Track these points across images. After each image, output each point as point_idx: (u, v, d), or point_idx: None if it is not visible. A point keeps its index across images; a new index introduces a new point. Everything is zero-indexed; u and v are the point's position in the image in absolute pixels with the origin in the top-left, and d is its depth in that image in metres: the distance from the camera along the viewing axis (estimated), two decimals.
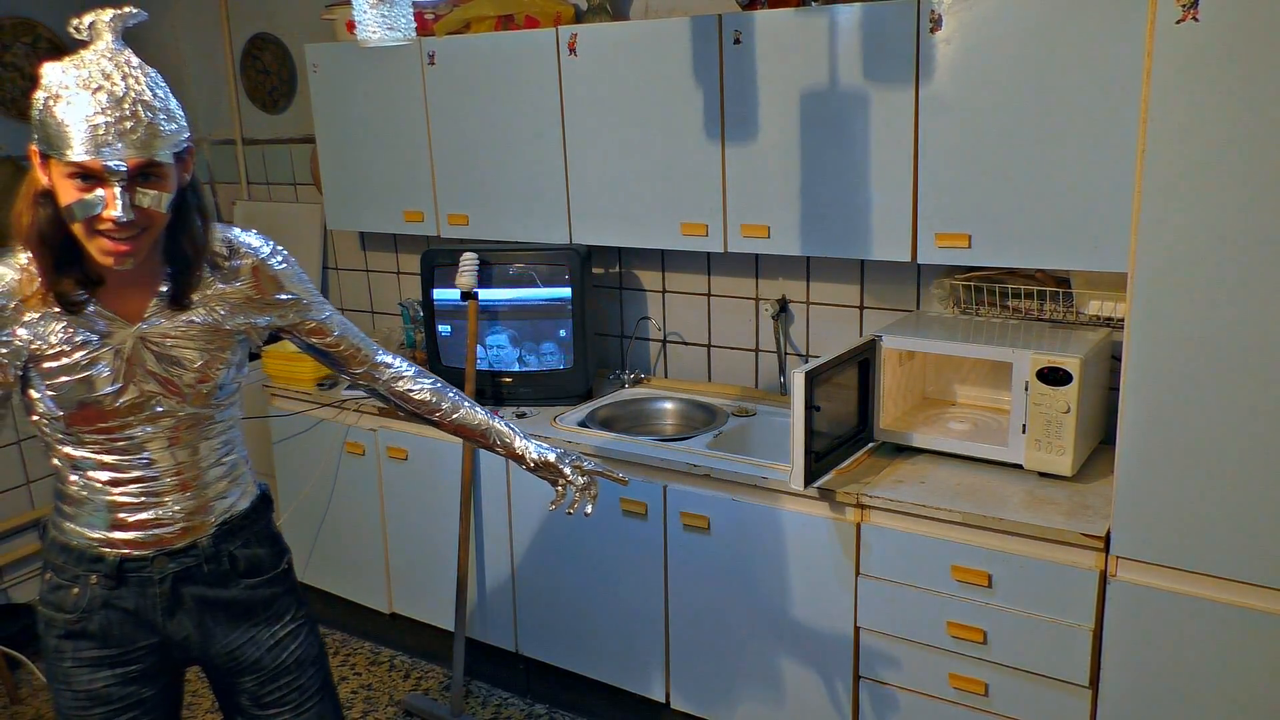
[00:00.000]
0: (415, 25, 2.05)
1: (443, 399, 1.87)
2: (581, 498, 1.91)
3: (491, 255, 3.04)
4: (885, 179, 2.40)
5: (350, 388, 3.19)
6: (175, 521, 1.65)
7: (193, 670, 1.84)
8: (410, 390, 1.85)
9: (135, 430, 1.59)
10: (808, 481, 2.29)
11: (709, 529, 2.55)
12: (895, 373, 2.55)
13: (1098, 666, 2.09)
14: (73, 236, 1.47)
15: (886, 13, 2.31)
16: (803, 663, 2.48)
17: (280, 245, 1.74)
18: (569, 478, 1.90)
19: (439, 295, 3.11)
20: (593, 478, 1.93)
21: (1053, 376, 2.23)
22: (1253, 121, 1.73)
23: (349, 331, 1.81)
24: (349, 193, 3.39)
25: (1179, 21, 1.75)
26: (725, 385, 3.14)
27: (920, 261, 2.43)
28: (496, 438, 1.89)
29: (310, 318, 1.75)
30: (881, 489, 2.31)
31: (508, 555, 2.97)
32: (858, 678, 2.41)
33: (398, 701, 3.18)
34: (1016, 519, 2.13)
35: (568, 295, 3.03)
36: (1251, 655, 1.90)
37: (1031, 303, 2.53)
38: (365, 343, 1.83)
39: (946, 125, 2.30)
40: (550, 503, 1.96)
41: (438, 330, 3.16)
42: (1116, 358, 2.27)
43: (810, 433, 2.25)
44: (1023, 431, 2.29)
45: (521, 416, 2.98)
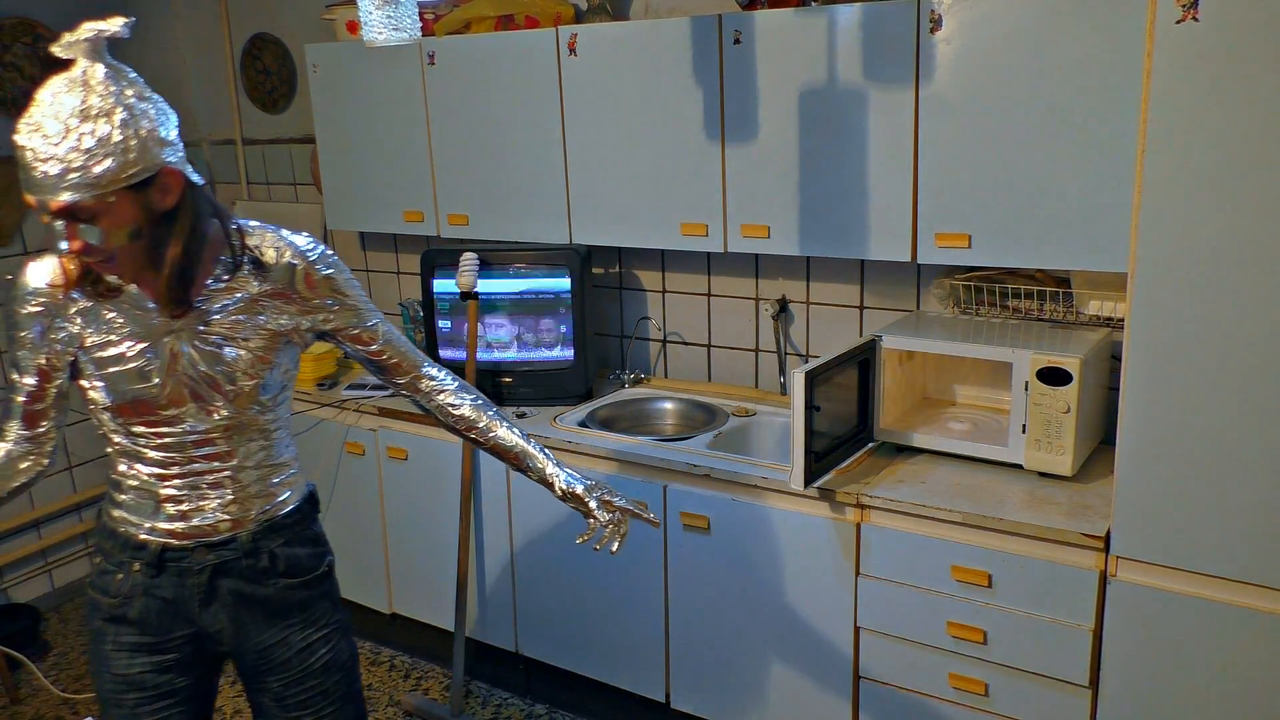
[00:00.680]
0: (420, 25, 2.05)
1: (481, 416, 1.85)
2: (610, 535, 1.85)
3: (491, 255, 3.04)
4: (885, 179, 2.40)
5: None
6: (216, 516, 1.67)
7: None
8: (451, 405, 1.84)
9: (181, 425, 1.62)
10: (808, 481, 2.29)
11: (709, 529, 2.55)
12: (895, 373, 2.55)
13: (1098, 666, 2.09)
14: None
15: (886, 13, 2.31)
16: (803, 663, 2.48)
17: (330, 249, 1.73)
18: (594, 513, 1.85)
19: (439, 287, 3.13)
20: (623, 514, 1.87)
21: (1053, 376, 2.23)
22: (1253, 121, 1.73)
23: (395, 340, 1.80)
24: (349, 193, 3.39)
25: (1179, 21, 1.75)
26: (725, 385, 3.14)
27: (920, 261, 2.43)
28: (530, 461, 1.87)
29: (356, 323, 1.73)
30: (881, 489, 2.31)
31: (508, 555, 2.97)
32: (858, 678, 2.41)
33: (398, 702, 3.18)
34: (1016, 519, 2.13)
35: (568, 295, 3.03)
36: (1251, 655, 1.90)
37: (1031, 303, 2.53)
38: (412, 352, 1.82)
39: (946, 125, 2.30)
40: (579, 536, 1.90)
41: (438, 326, 3.18)
42: (1116, 358, 2.26)
43: (810, 433, 2.25)
44: (1023, 431, 2.29)
45: (522, 416, 2.98)
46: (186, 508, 1.66)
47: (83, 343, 1.56)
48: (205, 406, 1.62)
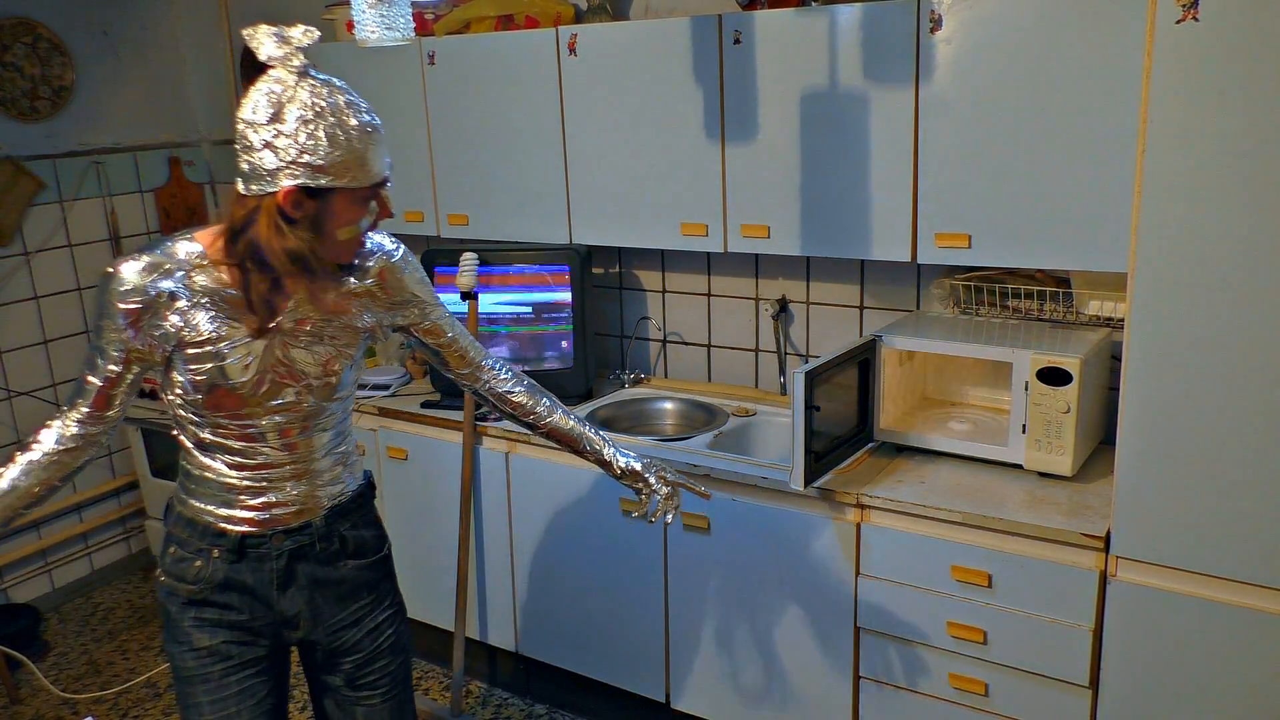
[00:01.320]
0: (414, 25, 2.05)
1: (538, 403, 1.96)
2: (665, 506, 1.99)
3: (491, 255, 3.05)
4: (885, 179, 2.40)
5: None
6: (291, 504, 1.73)
7: None
8: (509, 393, 1.94)
9: (262, 419, 1.67)
10: (808, 481, 2.29)
11: (709, 529, 2.55)
12: (895, 373, 2.55)
13: (1098, 666, 2.09)
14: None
15: (886, 13, 2.31)
16: (803, 663, 2.48)
17: (407, 247, 1.83)
18: (653, 487, 1.99)
19: (439, 287, 3.12)
20: (675, 488, 2.02)
21: (1053, 376, 2.23)
22: (1253, 121, 1.73)
23: (460, 334, 1.91)
24: None
25: (1179, 21, 1.76)
26: (725, 385, 3.15)
27: (920, 261, 2.43)
28: (587, 444, 1.99)
29: (429, 317, 1.85)
30: (881, 489, 2.31)
31: (508, 555, 2.97)
32: (858, 677, 2.41)
33: None
34: (1016, 519, 2.13)
35: (568, 295, 3.03)
36: (1251, 655, 1.90)
37: (1031, 303, 2.53)
38: (475, 346, 1.93)
39: (946, 125, 2.30)
40: (633, 510, 2.01)
41: None
42: (1116, 358, 2.26)
43: (810, 433, 2.25)
44: (1023, 431, 2.29)
45: None
46: (263, 499, 1.71)
47: (180, 339, 1.59)
48: (290, 400, 1.68)
